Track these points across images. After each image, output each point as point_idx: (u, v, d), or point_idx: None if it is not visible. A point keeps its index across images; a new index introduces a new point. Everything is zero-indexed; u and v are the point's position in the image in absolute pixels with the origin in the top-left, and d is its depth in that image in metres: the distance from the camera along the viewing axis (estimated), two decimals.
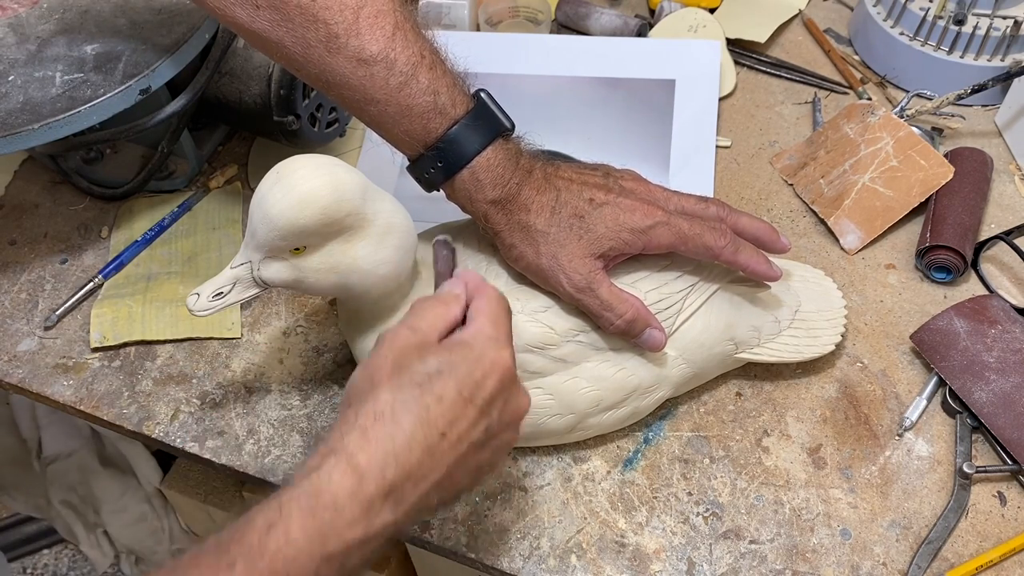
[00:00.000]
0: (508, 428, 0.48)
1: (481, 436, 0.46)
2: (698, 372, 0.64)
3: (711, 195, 0.80)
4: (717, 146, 0.86)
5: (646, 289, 0.61)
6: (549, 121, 0.85)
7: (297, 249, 0.54)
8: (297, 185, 0.52)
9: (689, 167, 0.82)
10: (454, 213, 0.63)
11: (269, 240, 0.53)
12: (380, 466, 0.42)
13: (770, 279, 0.63)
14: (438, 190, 0.61)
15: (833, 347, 0.67)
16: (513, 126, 0.59)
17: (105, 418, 0.69)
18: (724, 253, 0.60)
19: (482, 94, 0.59)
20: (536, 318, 0.60)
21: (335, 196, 0.52)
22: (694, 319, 0.63)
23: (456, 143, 0.57)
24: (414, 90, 0.56)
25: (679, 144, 0.84)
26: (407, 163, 0.61)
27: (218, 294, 0.56)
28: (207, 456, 0.66)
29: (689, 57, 0.89)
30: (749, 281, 0.65)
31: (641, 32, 0.95)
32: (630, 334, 0.60)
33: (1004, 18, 0.87)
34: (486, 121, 0.58)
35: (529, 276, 0.61)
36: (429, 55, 0.57)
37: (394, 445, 0.42)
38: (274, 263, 0.55)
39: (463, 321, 0.49)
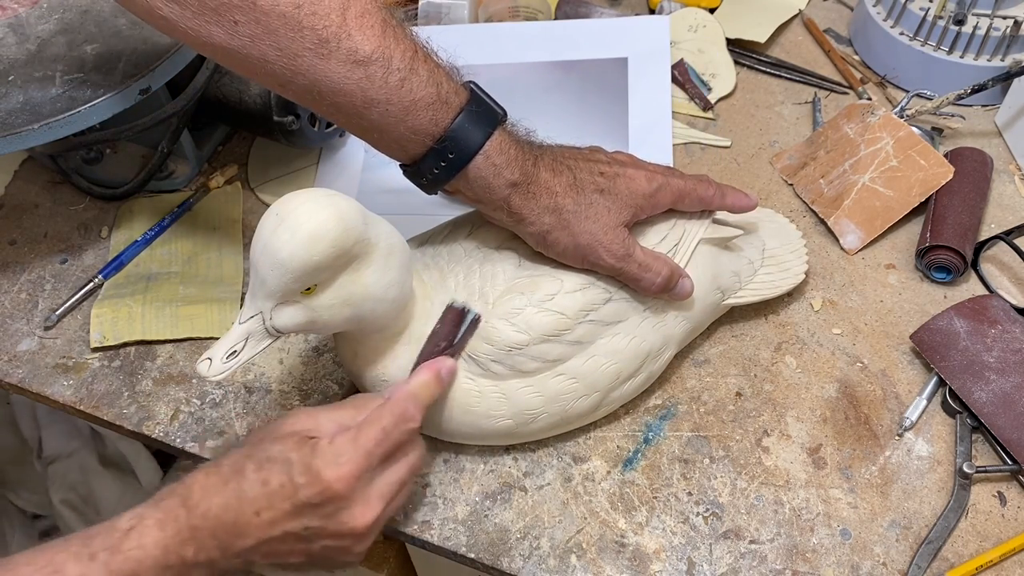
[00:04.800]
0: (338, 537, 0.52)
1: (300, 531, 0.51)
2: (695, 326, 0.67)
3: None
4: (717, 146, 0.86)
5: None
6: (507, 109, 0.86)
7: (308, 289, 0.52)
8: (303, 223, 0.50)
9: (648, 143, 0.83)
10: (420, 205, 0.62)
11: (282, 285, 0.51)
12: (200, 512, 0.49)
13: (752, 207, 0.68)
14: (443, 190, 0.60)
15: (804, 275, 0.72)
16: (506, 113, 0.59)
17: (105, 418, 0.69)
18: (715, 200, 0.66)
19: (472, 84, 0.59)
20: (545, 307, 0.60)
21: (342, 227, 0.51)
22: None
23: (465, 131, 0.56)
24: (416, 84, 0.55)
25: (636, 120, 0.85)
26: (401, 170, 0.61)
27: (232, 353, 0.53)
28: (207, 456, 0.66)
29: (639, 34, 0.89)
30: (719, 232, 0.68)
31: None
32: (667, 288, 0.62)
33: (1004, 18, 0.87)
34: (486, 108, 0.58)
35: (564, 259, 0.61)
36: (420, 48, 0.56)
37: (213, 503, 0.50)
38: (286, 309, 0.53)
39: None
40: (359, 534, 0.52)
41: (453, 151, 0.56)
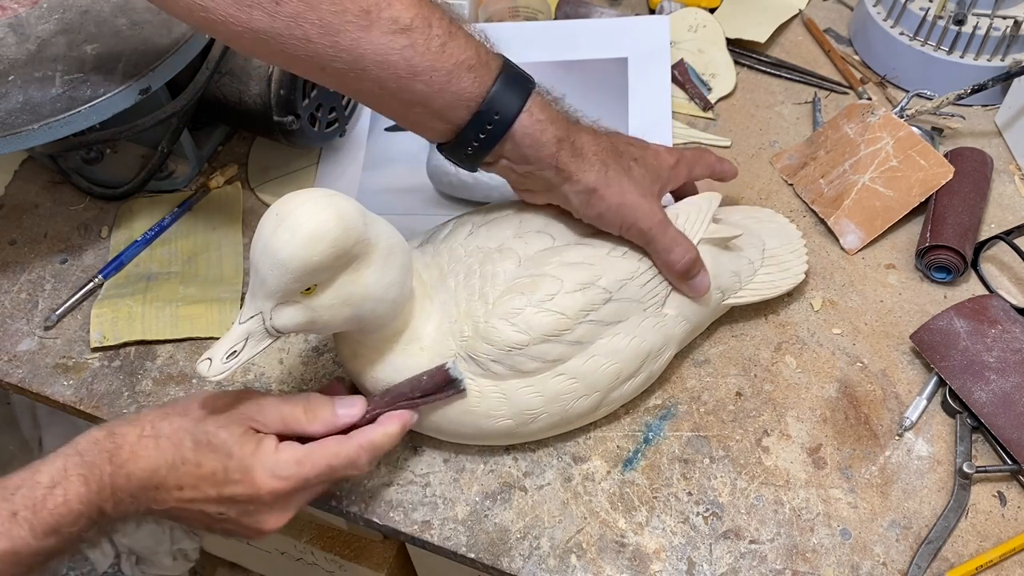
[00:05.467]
0: (245, 528, 0.54)
1: (213, 513, 0.53)
2: (695, 326, 0.67)
3: None
4: (717, 146, 0.86)
5: (638, 257, 0.63)
6: None
7: (308, 289, 0.52)
8: (302, 223, 0.50)
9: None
10: (420, 205, 0.62)
11: (282, 285, 0.51)
12: (125, 471, 0.51)
13: (734, 174, 0.71)
14: (484, 163, 0.60)
15: (804, 275, 0.72)
16: (534, 80, 0.60)
17: (105, 418, 0.69)
18: (716, 165, 0.70)
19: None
20: (545, 307, 0.59)
21: (342, 227, 0.51)
22: None
23: (507, 91, 0.57)
24: (456, 48, 0.55)
25: (636, 120, 0.85)
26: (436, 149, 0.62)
27: (231, 353, 0.52)
28: None
29: (639, 34, 0.90)
30: (720, 232, 0.68)
31: None
32: (689, 273, 0.63)
33: (1004, 18, 0.87)
34: (519, 72, 0.58)
35: (602, 221, 0.62)
36: (449, 13, 0.56)
37: (143, 464, 0.51)
38: (286, 309, 0.53)
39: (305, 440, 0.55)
40: (264, 532, 0.55)
41: (499, 111, 0.57)
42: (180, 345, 0.72)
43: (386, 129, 0.87)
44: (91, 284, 0.76)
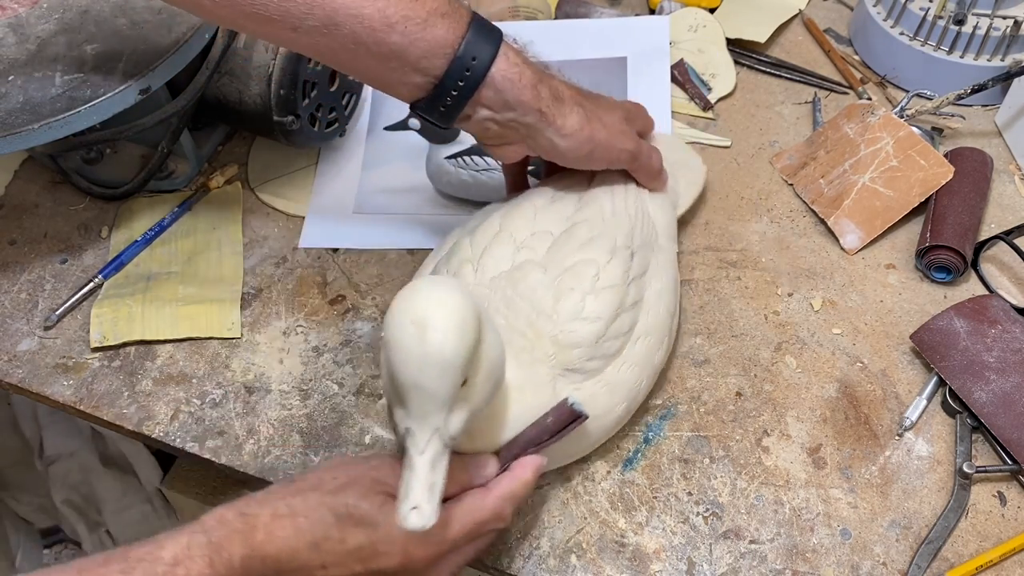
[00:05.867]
0: None
1: None
2: (672, 284, 0.68)
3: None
4: (717, 146, 0.86)
5: (623, 207, 0.67)
6: None
7: (464, 382, 0.49)
8: (443, 316, 0.47)
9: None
10: (418, 205, 0.62)
11: (453, 387, 0.47)
12: (261, 554, 0.48)
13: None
14: (462, 118, 0.60)
15: (703, 166, 0.81)
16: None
17: (105, 418, 0.69)
18: (648, 132, 0.74)
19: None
20: (598, 289, 0.60)
21: (469, 302, 0.48)
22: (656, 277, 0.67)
23: (480, 37, 0.57)
24: None
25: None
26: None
27: (431, 487, 0.47)
28: (207, 456, 0.66)
29: (639, 34, 0.90)
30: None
31: None
32: (662, 170, 0.70)
33: (1004, 18, 0.87)
34: (487, 21, 0.59)
35: (592, 159, 0.65)
36: None
37: (280, 546, 0.48)
38: (454, 414, 0.49)
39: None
40: None
41: (475, 55, 0.57)
42: (180, 345, 0.73)
43: (385, 128, 0.87)
44: (91, 284, 0.76)
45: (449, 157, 0.83)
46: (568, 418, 0.55)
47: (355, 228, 0.80)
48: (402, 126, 0.87)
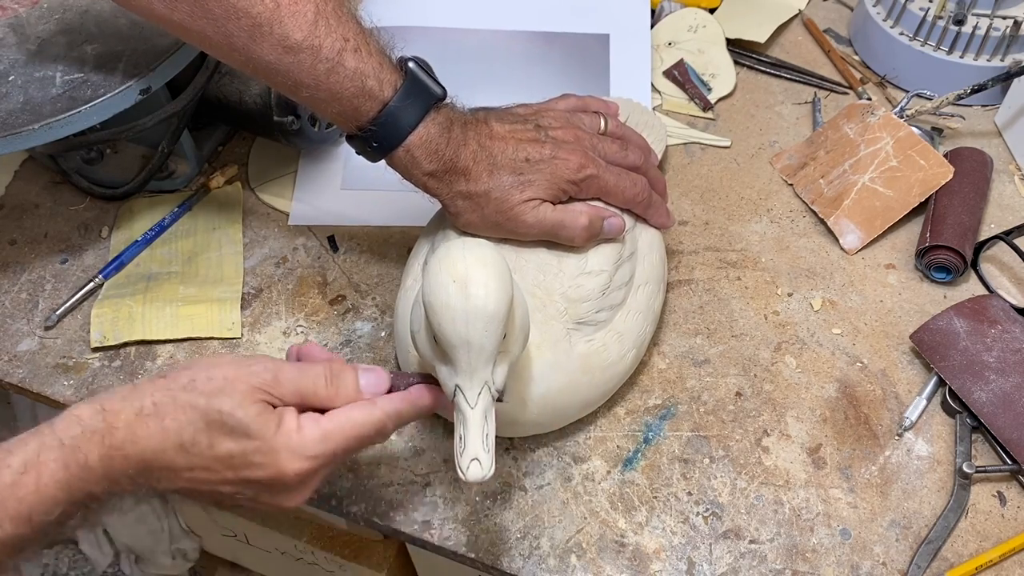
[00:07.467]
0: (264, 505, 0.51)
1: (229, 492, 0.49)
2: (659, 233, 0.70)
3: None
4: (717, 146, 0.86)
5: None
6: (489, 76, 0.90)
7: (505, 335, 0.50)
8: (482, 271, 0.49)
9: (628, 119, 0.84)
10: (405, 182, 0.63)
11: (497, 339, 0.49)
12: (123, 453, 0.46)
13: (667, 227, 0.71)
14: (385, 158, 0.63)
15: (665, 127, 0.84)
16: (445, 93, 0.61)
17: None
18: (639, 207, 0.67)
19: (411, 65, 0.59)
20: (599, 242, 0.63)
21: (502, 256, 0.50)
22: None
23: (388, 124, 0.59)
24: (341, 76, 0.57)
25: (617, 97, 0.85)
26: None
27: (486, 438, 0.49)
28: None
29: (620, 11, 0.91)
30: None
31: None
32: (593, 233, 0.63)
33: (1004, 18, 0.87)
34: (417, 95, 0.59)
35: (483, 234, 0.63)
36: (354, 38, 0.57)
37: (144, 446, 0.47)
38: (498, 367, 0.50)
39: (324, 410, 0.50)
40: (285, 509, 0.51)
41: (377, 140, 0.59)
42: (180, 345, 0.73)
43: None
44: (91, 284, 0.76)
45: None
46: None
47: (344, 205, 0.81)
48: None
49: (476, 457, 0.48)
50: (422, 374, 0.56)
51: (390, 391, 0.53)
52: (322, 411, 0.50)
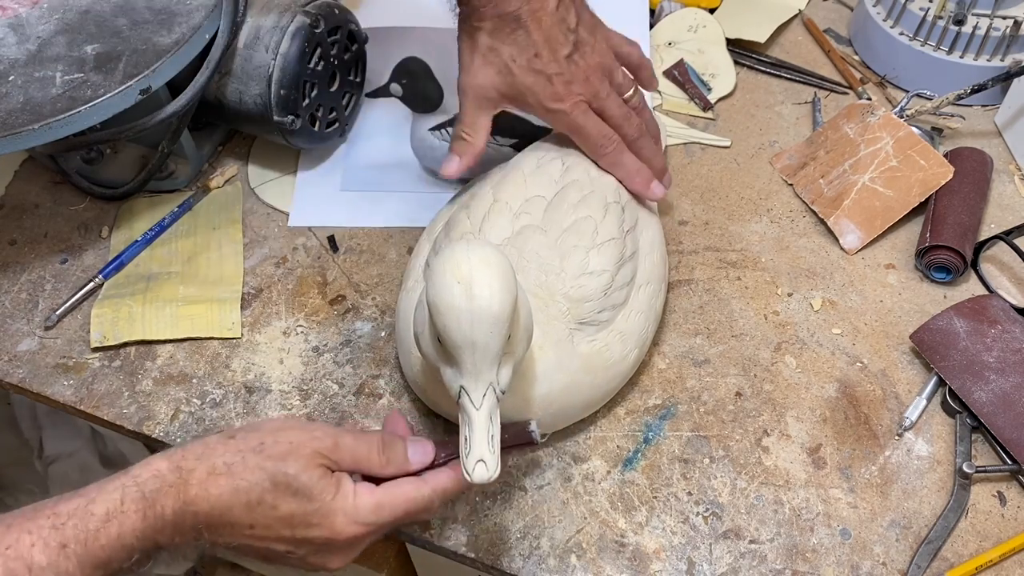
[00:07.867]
0: (310, 567, 0.53)
1: (282, 551, 0.52)
2: (659, 233, 0.72)
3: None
4: (717, 146, 0.86)
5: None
6: None
7: (509, 336, 0.51)
8: (485, 272, 0.49)
9: None
10: (403, 182, 0.64)
11: (502, 340, 0.49)
12: (193, 510, 0.48)
13: (649, 197, 0.72)
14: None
15: (665, 125, 0.85)
16: None
17: (105, 418, 0.69)
18: (604, 160, 0.69)
19: None
20: (599, 244, 0.63)
21: (505, 257, 0.50)
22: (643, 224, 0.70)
23: None
24: None
25: None
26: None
27: (491, 439, 0.49)
28: None
29: (620, 11, 0.90)
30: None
31: None
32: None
33: (1004, 18, 0.87)
34: None
35: (513, 87, 0.67)
36: None
37: (214, 503, 0.49)
38: (503, 368, 0.51)
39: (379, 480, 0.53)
40: (328, 570, 0.54)
41: None
42: (180, 345, 0.73)
43: (366, 94, 0.87)
44: (91, 284, 0.76)
45: (432, 129, 0.83)
46: (523, 440, 0.55)
47: (344, 207, 0.81)
48: (384, 92, 0.87)
49: (482, 458, 0.48)
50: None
51: (433, 461, 0.55)
52: (374, 479, 0.53)
